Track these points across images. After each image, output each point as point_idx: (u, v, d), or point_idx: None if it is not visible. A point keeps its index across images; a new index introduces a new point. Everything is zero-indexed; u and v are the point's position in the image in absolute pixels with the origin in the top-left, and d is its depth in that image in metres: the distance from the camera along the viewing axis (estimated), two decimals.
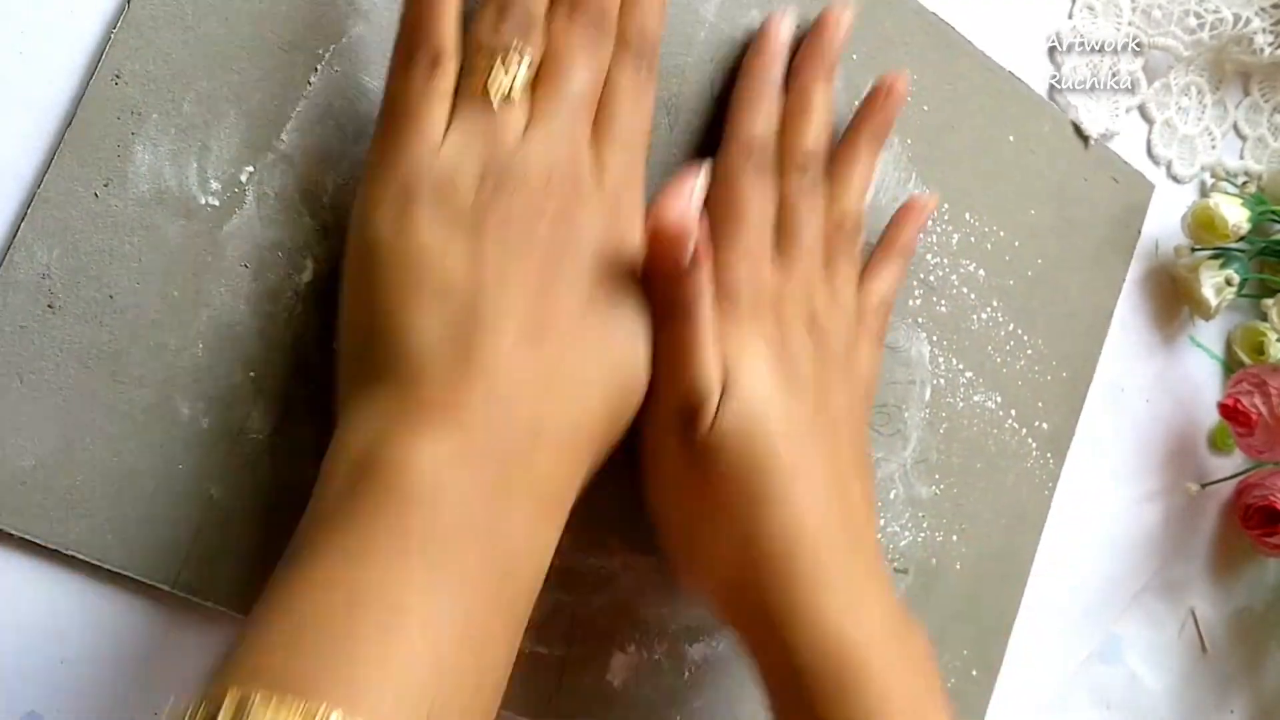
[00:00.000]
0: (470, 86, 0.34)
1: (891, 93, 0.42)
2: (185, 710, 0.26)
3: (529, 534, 0.32)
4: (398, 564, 0.29)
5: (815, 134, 0.40)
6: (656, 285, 0.36)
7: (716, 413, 0.35)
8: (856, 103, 0.45)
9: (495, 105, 0.33)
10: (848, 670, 0.34)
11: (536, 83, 0.35)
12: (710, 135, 0.42)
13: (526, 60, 0.34)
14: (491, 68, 0.34)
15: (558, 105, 0.34)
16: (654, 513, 0.39)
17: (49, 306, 0.33)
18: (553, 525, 0.33)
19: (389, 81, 0.34)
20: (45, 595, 0.33)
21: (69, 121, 0.33)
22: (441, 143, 0.33)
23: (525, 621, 0.32)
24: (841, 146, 0.42)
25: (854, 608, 0.35)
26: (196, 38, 0.34)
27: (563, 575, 0.41)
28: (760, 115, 0.40)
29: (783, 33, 0.41)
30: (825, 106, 0.41)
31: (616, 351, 0.35)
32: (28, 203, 0.33)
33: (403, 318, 0.32)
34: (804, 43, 0.41)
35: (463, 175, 0.33)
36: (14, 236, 0.32)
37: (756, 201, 0.39)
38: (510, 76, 0.34)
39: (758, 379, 0.36)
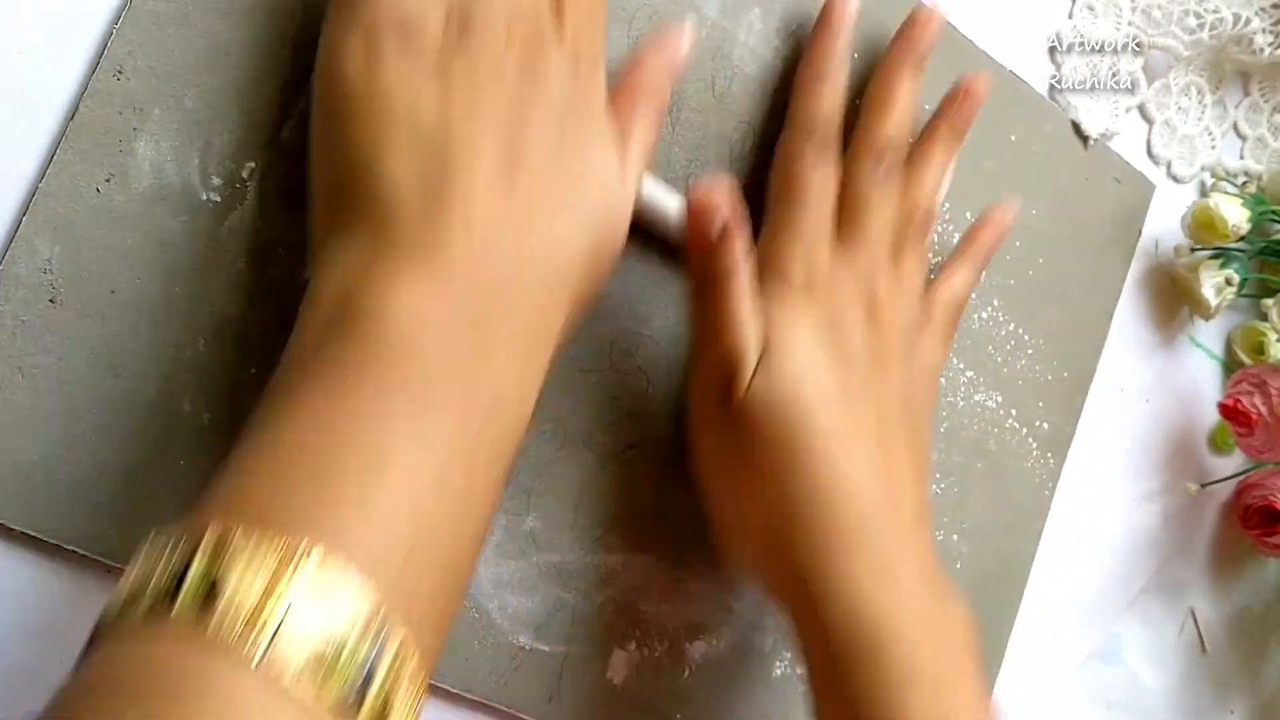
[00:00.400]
0: None
1: (970, 93, 0.42)
2: (166, 543, 0.26)
3: (512, 373, 0.32)
4: (379, 406, 0.29)
5: (896, 124, 0.40)
6: (692, 259, 0.37)
7: (752, 379, 0.37)
8: (857, 101, 0.45)
9: None
10: (876, 639, 0.35)
11: None
12: (711, 133, 0.43)
13: None
14: None
15: None
16: (698, 481, 0.40)
17: (50, 301, 0.33)
18: (537, 365, 0.33)
19: None
20: (47, 591, 0.33)
21: (71, 116, 0.33)
22: None
23: (509, 465, 0.32)
24: (918, 141, 0.42)
25: (886, 574, 0.36)
26: (199, 33, 0.34)
27: (562, 573, 0.41)
28: (823, 95, 0.40)
29: (849, 10, 0.40)
30: (908, 100, 0.41)
31: (594, 189, 0.34)
32: (29, 197, 0.33)
33: (374, 160, 0.31)
34: (896, 35, 0.42)
35: (426, 16, 0.32)
36: (15, 231, 0.32)
37: (816, 184, 0.39)
38: None
39: (798, 349, 0.37)
